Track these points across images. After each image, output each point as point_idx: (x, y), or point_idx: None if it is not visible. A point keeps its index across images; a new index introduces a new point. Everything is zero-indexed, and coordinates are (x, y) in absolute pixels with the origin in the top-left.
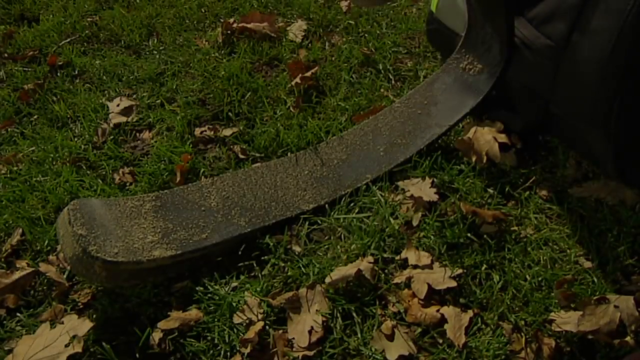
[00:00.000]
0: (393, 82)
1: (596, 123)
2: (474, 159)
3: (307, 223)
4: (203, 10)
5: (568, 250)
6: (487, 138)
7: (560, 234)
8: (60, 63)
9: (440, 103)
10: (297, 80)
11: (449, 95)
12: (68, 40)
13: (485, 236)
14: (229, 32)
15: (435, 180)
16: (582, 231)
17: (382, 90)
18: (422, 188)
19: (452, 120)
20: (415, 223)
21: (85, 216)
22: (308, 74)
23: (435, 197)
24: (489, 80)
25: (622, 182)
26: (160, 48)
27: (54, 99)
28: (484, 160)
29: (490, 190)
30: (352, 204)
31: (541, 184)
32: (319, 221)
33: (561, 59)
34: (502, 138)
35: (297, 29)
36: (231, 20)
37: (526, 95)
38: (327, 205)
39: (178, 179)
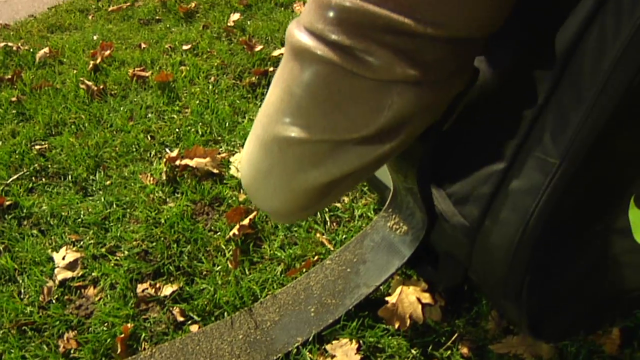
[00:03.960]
0: (329, 224)
1: (509, 298)
2: (397, 325)
3: None
4: (149, 137)
5: None
6: (411, 300)
7: None
8: (8, 203)
9: (368, 261)
10: (235, 231)
11: (377, 254)
12: (16, 176)
13: None
14: (172, 165)
15: (362, 342)
16: None
17: (317, 235)
18: (348, 353)
19: (379, 280)
20: None
21: None
22: (246, 221)
23: None
24: (413, 242)
25: (539, 339)
26: (107, 183)
27: (0, 248)
28: (407, 324)
29: (414, 351)
30: None
31: (464, 337)
32: None
33: (475, 239)
34: (427, 298)
35: (239, 162)
36: (174, 154)
37: (448, 260)
38: None
39: (119, 350)
